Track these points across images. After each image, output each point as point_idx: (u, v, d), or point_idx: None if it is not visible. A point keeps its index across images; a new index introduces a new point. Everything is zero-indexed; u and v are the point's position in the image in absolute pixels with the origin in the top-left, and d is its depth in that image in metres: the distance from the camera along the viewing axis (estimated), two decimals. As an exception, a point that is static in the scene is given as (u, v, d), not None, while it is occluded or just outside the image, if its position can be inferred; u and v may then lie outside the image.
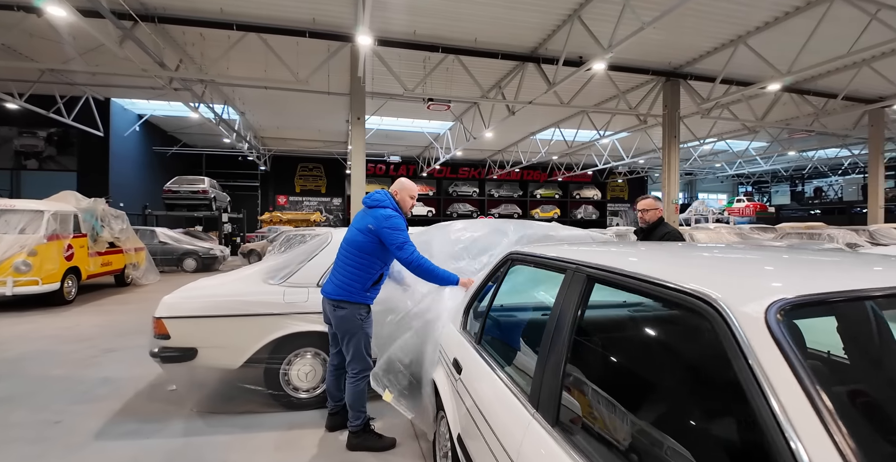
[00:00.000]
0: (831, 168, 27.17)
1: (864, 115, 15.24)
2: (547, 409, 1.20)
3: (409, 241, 2.75)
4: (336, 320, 2.74)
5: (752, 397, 0.72)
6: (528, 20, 9.94)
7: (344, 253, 2.83)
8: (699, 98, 12.93)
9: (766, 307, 0.80)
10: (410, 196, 2.98)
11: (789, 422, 0.67)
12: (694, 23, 9.84)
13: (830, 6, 8.73)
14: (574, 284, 1.33)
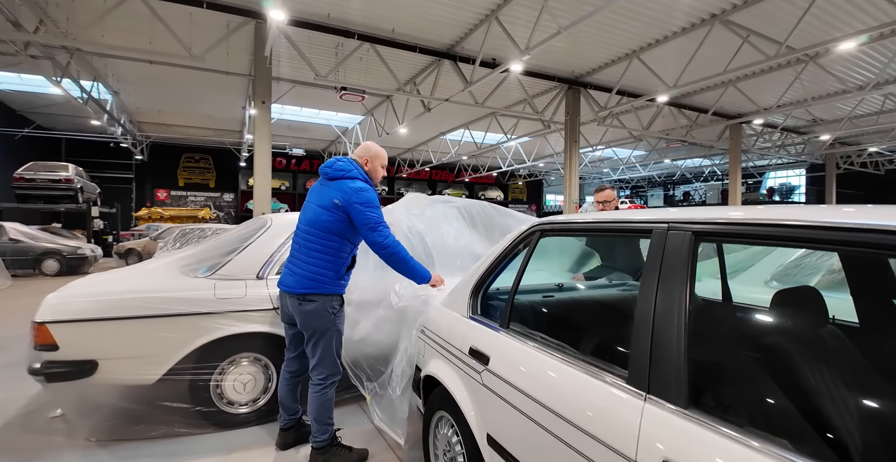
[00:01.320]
0: (695, 175, 31.21)
1: (726, 129, 17.64)
2: (673, 389, 1.05)
3: (384, 221, 2.35)
4: (303, 317, 2.31)
5: None
6: (447, 16, 9.89)
7: (305, 237, 2.37)
8: (597, 106, 13.96)
9: None
10: (382, 165, 2.56)
11: None
12: (596, 35, 10.54)
13: (711, 29, 9.90)
14: (673, 245, 1.18)
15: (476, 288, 1.93)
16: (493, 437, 1.54)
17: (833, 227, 0.92)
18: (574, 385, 1.27)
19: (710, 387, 1.09)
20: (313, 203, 2.42)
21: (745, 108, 15.67)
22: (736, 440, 0.91)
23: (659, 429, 1.03)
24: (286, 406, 2.54)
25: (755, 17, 9.76)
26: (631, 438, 1.07)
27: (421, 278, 2.38)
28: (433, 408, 2.05)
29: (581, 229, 1.71)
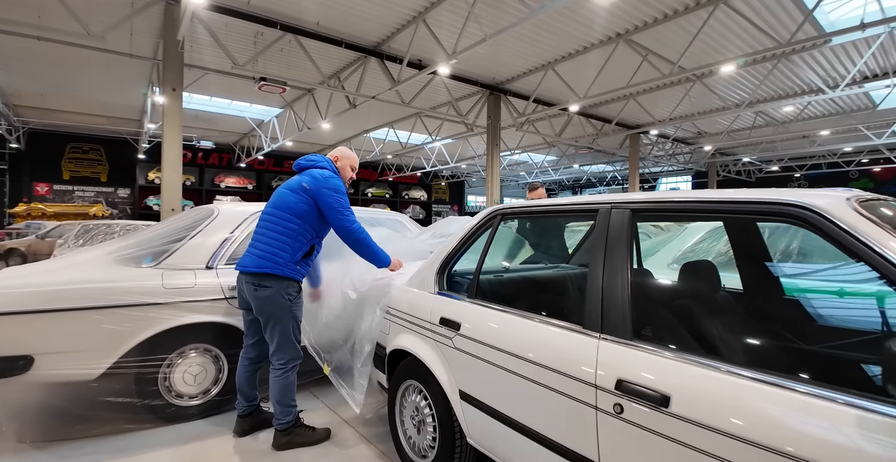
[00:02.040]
0: (599, 180, 33.90)
1: (626, 138, 19.44)
2: (618, 327, 1.37)
3: (350, 208, 2.47)
4: (258, 302, 2.32)
5: (875, 265, 0.98)
6: (374, 13, 9.94)
7: (269, 218, 2.42)
8: (516, 112, 14.77)
9: (851, 203, 1.10)
10: (352, 167, 2.69)
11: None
12: (516, 45, 11.19)
13: (617, 47, 10.96)
14: (615, 220, 1.48)
15: (442, 267, 2.13)
16: (465, 392, 1.77)
17: (719, 201, 1.34)
18: (541, 336, 1.53)
19: (646, 325, 1.42)
20: (282, 188, 2.49)
21: (643, 120, 17.46)
22: (662, 356, 1.27)
23: (612, 357, 1.35)
24: (244, 392, 2.53)
25: (654, 39, 10.99)
26: (590, 366, 1.36)
27: (382, 262, 2.49)
28: (400, 380, 2.21)
29: (536, 212, 1.97)
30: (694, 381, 1.15)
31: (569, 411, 1.40)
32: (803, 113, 17.65)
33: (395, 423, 2.26)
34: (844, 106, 17.13)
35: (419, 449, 2.11)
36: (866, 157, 25.48)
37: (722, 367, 1.14)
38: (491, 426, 1.71)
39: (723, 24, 10.10)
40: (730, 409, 1.05)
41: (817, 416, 0.93)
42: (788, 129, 19.38)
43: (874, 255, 0.98)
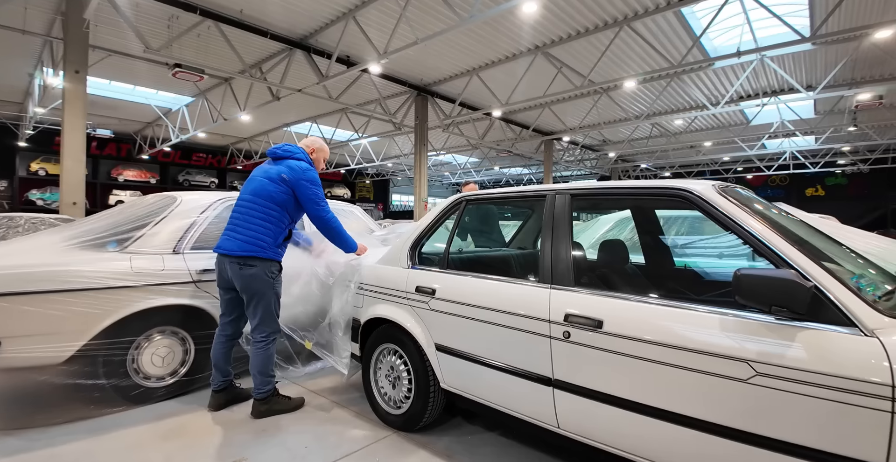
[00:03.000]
0: (517, 182, 35.69)
1: (541, 144, 20.80)
2: (564, 278, 1.84)
3: (325, 198, 2.67)
4: (244, 280, 2.48)
5: (739, 233, 1.48)
6: (303, 6, 9.83)
7: (249, 205, 2.56)
8: (442, 114, 15.28)
9: (715, 188, 1.61)
10: (325, 159, 2.88)
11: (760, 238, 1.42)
12: (444, 49, 11.65)
13: (535, 58, 11.85)
14: (560, 202, 1.95)
15: (413, 246, 2.47)
16: (441, 345, 2.14)
17: (633, 187, 1.85)
18: (506, 291, 1.97)
19: (583, 275, 1.90)
20: (259, 176, 2.63)
21: (557, 128, 18.86)
22: (596, 295, 1.74)
23: (561, 299, 1.81)
24: (220, 368, 2.63)
25: (567, 53, 12.03)
26: (545, 307, 1.80)
27: (349, 247, 2.73)
28: (375, 346, 2.51)
29: (496, 198, 2.36)
30: (618, 309, 1.65)
31: (529, 343, 1.84)
32: (691, 126, 20.14)
33: (370, 384, 2.54)
34: (724, 121, 19.82)
35: (394, 402, 2.43)
36: (741, 166, 29.60)
37: (634, 297, 1.64)
38: (464, 368, 2.09)
39: (626, 44, 11.35)
40: (642, 324, 1.57)
41: (694, 323, 1.47)
42: (679, 139, 21.97)
43: (728, 219, 1.53)
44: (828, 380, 1.19)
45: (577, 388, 1.68)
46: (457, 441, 2.32)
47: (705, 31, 10.33)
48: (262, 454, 2.20)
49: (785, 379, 1.25)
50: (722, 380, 1.35)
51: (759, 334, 1.32)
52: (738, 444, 1.33)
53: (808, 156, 25.99)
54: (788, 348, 1.26)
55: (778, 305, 1.24)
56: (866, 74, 13.72)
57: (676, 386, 1.44)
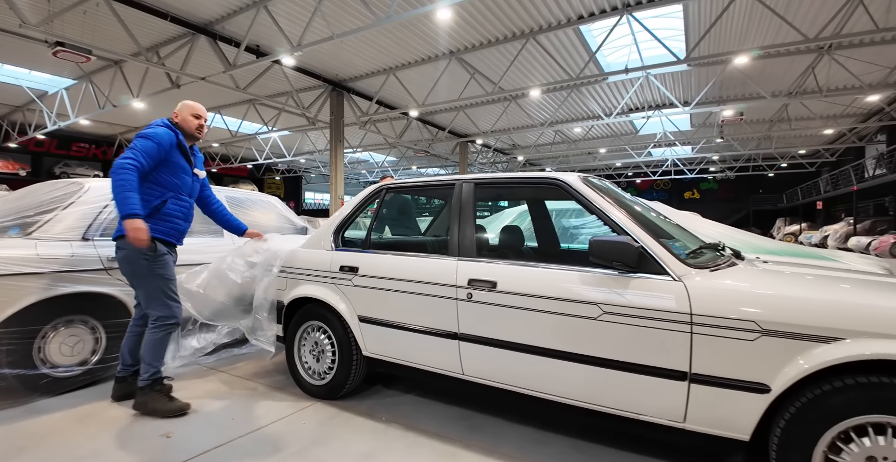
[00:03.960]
0: (432, 182, 36.43)
1: (457, 146, 21.50)
2: (469, 251, 2.19)
3: (138, 158, 2.29)
4: (119, 264, 2.40)
5: (593, 211, 1.89)
6: (209, -11, 9.41)
7: None
8: (359, 111, 15.28)
9: (580, 178, 2.01)
10: (195, 115, 2.59)
11: (607, 214, 1.85)
12: (360, 46, 11.72)
13: (450, 63, 12.36)
14: (466, 189, 2.29)
15: (337, 230, 2.67)
16: (363, 316, 2.38)
17: (522, 177, 2.24)
18: (420, 264, 2.26)
19: (483, 250, 2.23)
20: None
21: (471, 131, 19.67)
22: (492, 263, 2.09)
23: (466, 268, 2.16)
24: (124, 356, 2.54)
25: (480, 60, 12.70)
26: (453, 275, 2.14)
27: (121, 211, 2.21)
28: (299, 324, 2.67)
29: (413, 187, 2.65)
30: (508, 272, 2.04)
31: (440, 306, 2.17)
32: (588, 134, 22.03)
33: (294, 361, 2.69)
34: (616, 130, 21.95)
35: (318, 374, 2.62)
36: (631, 172, 32.87)
37: (520, 263, 2.05)
38: (384, 335, 2.35)
39: (532, 55, 12.26)
40: (525, 282, 1.97)
41: (562, 278, 1.89)
42: (578, 146, 23.92)
43: (587, 201, 1.98)
44: (651, 313, 1.64)
45: (477, 338, 2.05)
46: (378, 403, 2.57)
47: (599, 47, 11.50)
48: (187, 427, 2.28)
49: (623, 315, 1.70)
50: (581, 319, 1.78)
51: (605, 284, 1.77)
52: (593, 368, 1.77)
53: (686, 163, 29.62)
54: (625, 292, 1.71)
55: (617, 261, 1.69)
56: (730, 93, 16.06)
57: (550, 327, 1.86)
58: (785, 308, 1.49)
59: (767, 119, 18.98)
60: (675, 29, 11.57)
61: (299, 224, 4.11)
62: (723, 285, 1.62)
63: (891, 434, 1.35)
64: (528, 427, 2.31)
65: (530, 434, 2.24)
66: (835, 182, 22.90)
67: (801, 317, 1.45)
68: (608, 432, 2.24)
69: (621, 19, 10.25)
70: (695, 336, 1.57)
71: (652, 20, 10.65)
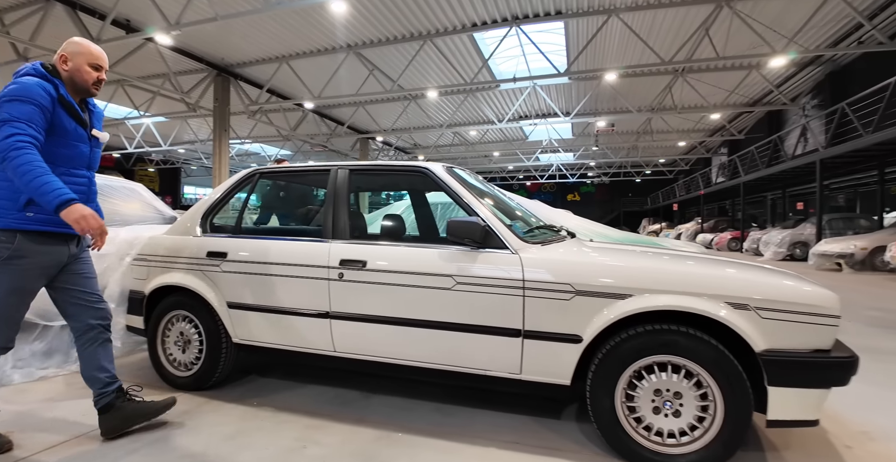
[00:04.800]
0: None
1: (357, 142, 21.20)
2: (342, 234, 2.27)
3: (24, 131, 1.70)
4: None
5: (451, 196, 2.09)
6: (70, -46, 8.34)
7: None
8: (248, 100, 14.42)
9: (444, 167, 2.20)
10: (92, 65, 1.92)
11: (461, 198, 2.06)
12: (250, 31, 11.11)
13: (348, 56, 12.22)
14: (341, 175, 2.35)
15: (205, 215, 2.57)
16: (233, 302, 2.35)
17: (392, 165, 2.40)
18: (293, 247, 2.29)
19: (356, 232, 2.34)
20: None
21: (371, 128, 19.54)
22: (362, 244, 2.21)
23: (338, 249, 2.24)
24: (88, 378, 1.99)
25: (379, 57, 12.73)
26: (325, 256, 2.21)
27: (48, 201, 1.68)
28: (162, 314, 2.53)
29: (288, 172, 2.66)
30: (377, 252, 2.17)
31: (312, 287, 2.22)
32: (484, 137, 23.12)
33: (157, 354, 2.53)
34: (508, 135, 23.29)
35: (185, 365, 2.50)
36: (522, 175, 35.08)
37: (388, 243, 2.20)
38: (255, 320, 2.33)
39: (430, 57, 12.59)
40: (391, 260, 2.12)
41: (423, 256, 2.08)
42: (475, 149, 24.99)
43: (448, 187, 2.18)
44: (495, 281, 1.89)
45: (348, 315, 2.14)
46: (250, 390, 2.54)
47: (491, 55, 12.16)
48: (35, 425, 2.08)
49: (472, 284, 1.93)
50: (438, 290, 1.98)
51: (457, 259, 2.00)
52: (449, 332, 1.98)
53: (568, 168, 32.37)
54: (473, 265, 1.95)
55: (468, 238, 1.92)
56: (604, 106, 17.91)
57: (412, 299, 2.04)
58: (591, 273, 1.82)
59: (634, 131, 21.47)
60: (558, 44, 12.66)
61: (168, 214, 3.84)
62: (549, 256, 1.92)
63: (671, 370, 1.73)
64: (396, 397, 2.47)
65: (398, 403, 2.40)
66: (687, 187, 26.60)
67: (601, 279, 1.79)
68: (467, 396, 2.48)
69: (511, 31, 10.97)
70: (527, 299, 1.85)
71: (538, 34, 11.55)
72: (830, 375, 1.63)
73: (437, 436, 2.03)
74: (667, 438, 1.72)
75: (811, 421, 1.65)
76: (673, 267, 1.83)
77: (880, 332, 4.19)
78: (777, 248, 11.93)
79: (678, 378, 1.71)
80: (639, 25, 10.94)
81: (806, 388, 1.62)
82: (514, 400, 2.43)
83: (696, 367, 1.68)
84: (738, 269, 1.83)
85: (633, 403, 1.76)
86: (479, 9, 10.32)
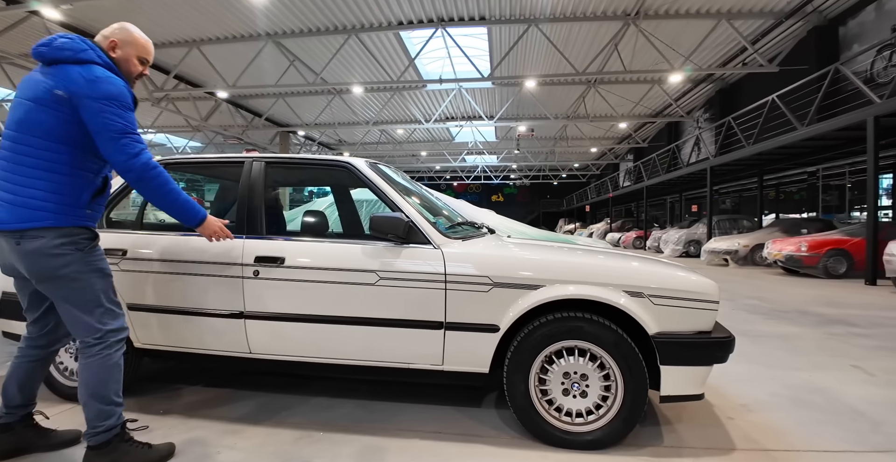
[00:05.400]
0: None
1: (276, 135, 20.28)
2: (257, 229, 2.18)
3: (135, 129, 1.66)
4: (26, 261, 1.60)
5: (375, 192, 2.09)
6: None
7: (13, 145, 1.60)
8: (152, 85, 13.25)
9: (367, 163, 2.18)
10: (141, 59, 1.80)
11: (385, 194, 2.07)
12: (156, 11, 10.21)
13: (266, 45, 11.66)
14: (256, 167, 2.25)
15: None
16: (134, 304, 2.15)
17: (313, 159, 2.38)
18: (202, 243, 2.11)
19: (273, 227, 2.25)
20: (22, 97, 1.63)
21: (293, 121, 18.79)
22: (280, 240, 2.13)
23: (253, 246, 2.14)
24: (8, 392, 1.75)
25: (302, 48, 12.28)
26: (238, 254, 2.11)
27: (190, 217, 1.79)
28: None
29: (196, 163, 2.49)
30: (296, 248, 2.11)
31: (225, 286, 2.09)
32: (411, 137, 23.16)
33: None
34: (436, 136, 23.52)
35: (76, 373, 2.25)
36: (449, 175, 35.61)
37: (308, 239, 2.17)
38: (161, 322, 2.16)
39: (356, 52, 12.36)
40: (311, 256, 2.08)
41: (345, 252, 2.06)
42: (402, 148, 24.94)
43: (371, 182, 2.17)
44: (418, 275, 1.92)
45: (264, 315, 2.06)
46: (156, 398, 2.35)
47: (417, 55, 12.22)
48: None
49: (395, 279, 1.95)
50: (361, 286, 1.97)
51: (381, 254, 2.01)
52: (372, 327, 1.98)
53: (493, 170, 33.41)
54: (397, 260, 1.97)
55: (391, 233, 1.94)
56: (525, 112, 18.69)
57: (334, 296, 2.01)
58: (507, 266, 1.92)
59: (552, 137, 22.64)
60: (482, 49, 13.01)
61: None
62: (469, 251, 1.99)
63: (577, 354, 1.87)
64: (317, 397, 2.42)
65: (319, 402, 2.35)
66: (598, 190, 28.54)
67: (516, 272, 1.90)
68: (389, 392, 2.50)
69: (436, 32, 11.09)
70: (448, 292, 1.90)
71: (463, 38, 11.79)
72: (712, 354, 1.85)
73: (359, 432, 2.02)
74: (575, 418, 1.86)
75: (697, 395, 1.87)
76: (579, 259, 1.98)
77: (757, 318, 4.80)
78: (675, 245, 13.18)
79: (584, 361, 1.85)
80: (556, 37, 11.57)
81: (692, 365, 1.83)
82: (437, 391, 2.48)
83: (598, 350, 1.83)
84: (636, 262, 2.02)
85: (545, 386, 1.88)
86: (405, 7, 10.33)
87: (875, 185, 7.53)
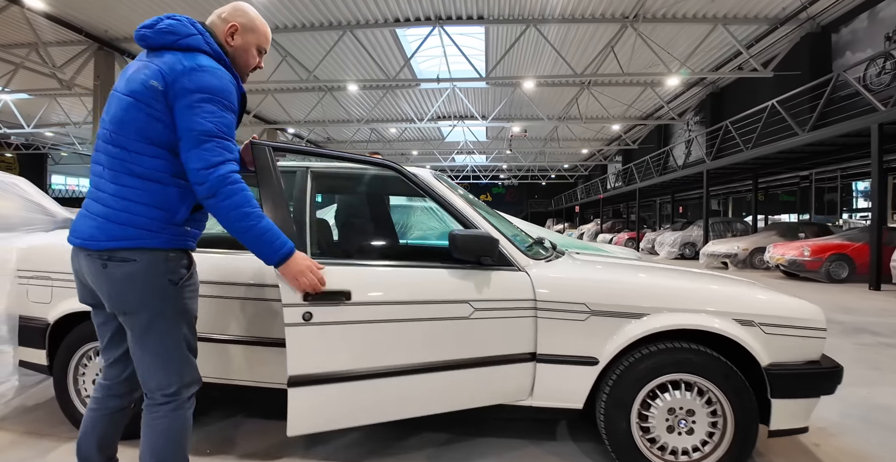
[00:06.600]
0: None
1: (264, 132, 19.74)
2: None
3: (229, 135, 1.33)
4: (113, 287, 1.32)
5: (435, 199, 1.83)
6: None
7: (110, 148, 1.32)
8: (138, 80, 12.74)
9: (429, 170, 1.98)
10: (259, 49, 1.49)
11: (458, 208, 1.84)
12: (139, 1, 9.78)
13: (261, 42, 11.29)
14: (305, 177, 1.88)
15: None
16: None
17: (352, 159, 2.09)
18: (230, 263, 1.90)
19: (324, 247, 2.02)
20: (119, 90, 1.33)
21: (281, 118, 18.33)
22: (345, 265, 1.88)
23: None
24: (84, 451, 1.43)
25: (294, 44, 11.91)
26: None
27: (268, 253, 1.36)
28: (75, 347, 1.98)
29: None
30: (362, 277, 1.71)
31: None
32: (402, 135, 22.85)
33: (69, 395, 1.98)
34: (427, 135, 23.28)
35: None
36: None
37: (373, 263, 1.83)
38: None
39: (350, 49, 12.06)
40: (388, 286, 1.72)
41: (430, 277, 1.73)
42: (393, 146, 24.61)
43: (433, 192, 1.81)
44: (509, 303, 1.69)
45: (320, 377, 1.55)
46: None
47: (414, 53, 11.98)
48: None
49: (490, 309, 1.67)
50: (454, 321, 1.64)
51: (473, 280, 1.68)
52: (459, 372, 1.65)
53: (482, 170, 33.32)
54: (488, 287, 1.68)
55: (483, 256, 1.66)
56: (518, 113, 18.59)
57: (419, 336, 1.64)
58: (606, 292, 1.73)
59: (543, 137, 22.61)
60: (478, 49, 12.85)
61: (61, 215, 3.12)
62: (558, 275, 1.80)
63: (684, 388, 1.70)
64: (386, 430, 2.21)
65: (390, 434, 2.15)
66: (587, 191, 28.68)
67: (618, 299, 1.72)
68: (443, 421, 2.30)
69: (434, 30, 10.88)
70: (539, 320, 1.71)
71: (460, 37, 11.60)
72: (822, 385, 1.71)
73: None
74: (680, 456, 1.70)
75: (804, 428, 1.73)
76: (682, 284, 1.82)
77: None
78: (670, 248, 13.23)
79: (692, 396, 1.69)
80: (554, 38, 11.46)
81: (802, 398, 1.69)
82: (499, 424, 2.29)
83: (706, 384, 1.67)
84: (736, 286, 1.87)
85: (647, 423, 1.71)
86: (402, 4, 10.09)
87: (880, 190, 7.62)
